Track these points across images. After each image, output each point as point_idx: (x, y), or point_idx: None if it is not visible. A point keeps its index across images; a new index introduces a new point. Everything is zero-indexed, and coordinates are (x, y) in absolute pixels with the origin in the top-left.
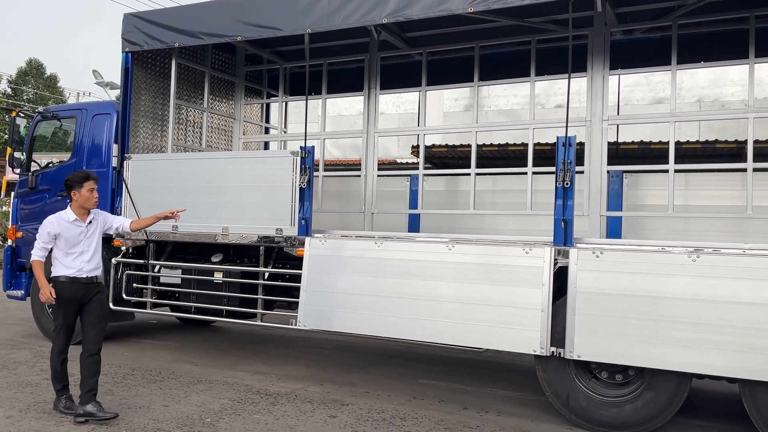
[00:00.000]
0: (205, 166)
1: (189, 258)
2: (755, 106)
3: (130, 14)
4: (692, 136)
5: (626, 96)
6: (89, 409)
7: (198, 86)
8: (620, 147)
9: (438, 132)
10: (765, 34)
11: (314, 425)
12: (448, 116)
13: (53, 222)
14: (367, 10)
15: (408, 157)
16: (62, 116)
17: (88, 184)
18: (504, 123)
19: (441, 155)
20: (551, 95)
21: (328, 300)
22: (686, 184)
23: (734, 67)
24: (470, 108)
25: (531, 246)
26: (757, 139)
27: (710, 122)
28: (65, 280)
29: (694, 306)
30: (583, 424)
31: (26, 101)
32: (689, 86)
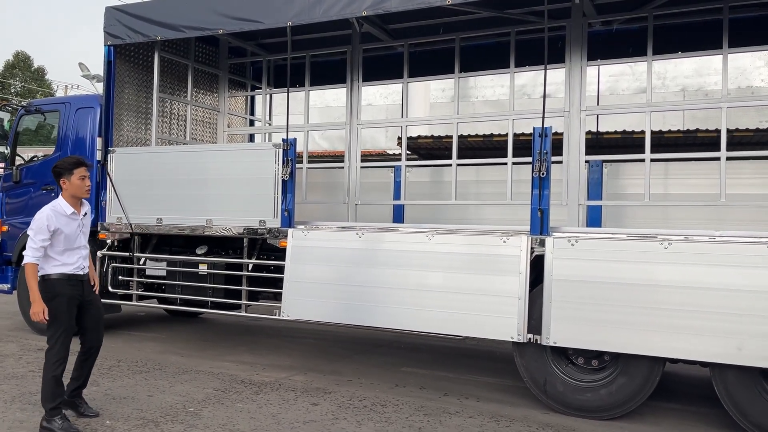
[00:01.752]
0: (188, 158)
1: (174, 250)
2: (730, 96)
3: (112, 7)
4: (676, 125)
5: (611, 86)
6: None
7: (182, 79)
8: (603, 137)
9: (419, 123)
10: (738, 24)
11: (296, 413)
12: (434, 107)
13: (50, 215)
14: (347, 3)
15: (396, 148)
16: (46, 110)
17: (79, 171)
18: (484, 114)
19: (427, 146)
20: (538, 85)
21: (311, 290)
22: (666, 173)
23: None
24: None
25: (508, 235)
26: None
27: (694, 111)
28: (62, 278)
29: (666, 292)
30: (560, 409)
31: (14, 94)
32: (673, 75)
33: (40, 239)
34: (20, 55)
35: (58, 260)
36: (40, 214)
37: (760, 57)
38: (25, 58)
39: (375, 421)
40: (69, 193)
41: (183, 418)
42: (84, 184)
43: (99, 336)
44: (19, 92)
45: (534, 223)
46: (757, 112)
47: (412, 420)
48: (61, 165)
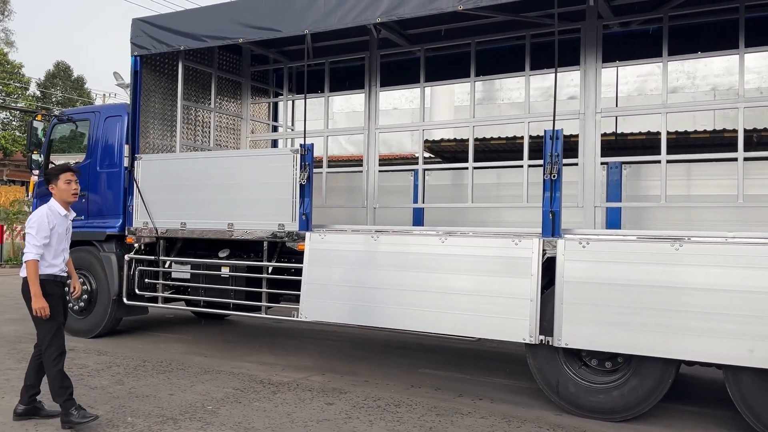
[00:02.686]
0: (210, 164)
1: (199, 254)
2: (747, 96)
3: (138, 19)
4: (706, 125)
5: (639, 86)
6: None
7: (206, 87)
8: (628, 138)
9: (436, 127)
10: (754, 23)
11: (311, 412)
12: (459, 110)
13: (49, 213)
14: (361, 10)
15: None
16: (77, 119)
17: (65, 176)
18: (499, 117)
19: (450, 149)
20: (563, 87)
21: (328, 292)
22: (689, 174)
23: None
24: (482, 102)
25: (520, 237)
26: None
27: (726, 111)
28: (51, 278)
29: (678, 294)
30: (573, 410)
31: (55, 103)
32: (703, 74)
33: (42, 236)
34: (60, 65)
35: (47, 261)
36: (37, 213)
37: None
38: (66, 68)
39: (387, 420)
40: (58, 197)
41: (201, 416)
42: (70, 188)
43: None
44: (59, 101)
45: (546, 226)
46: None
47: (424, 420)
48: (49, 172)
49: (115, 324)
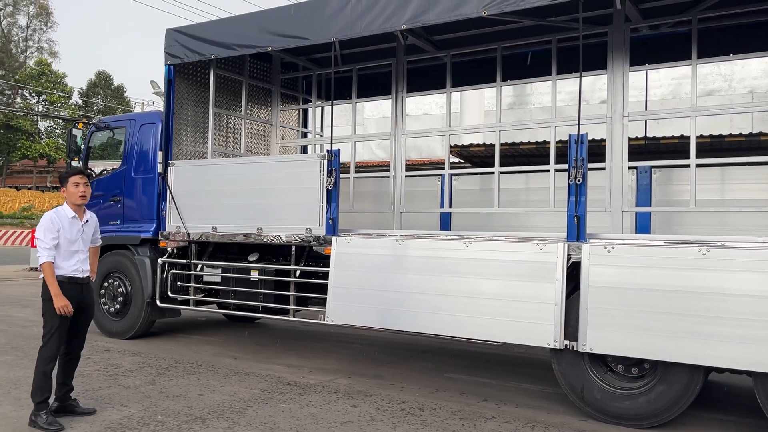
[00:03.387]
0: (239, 170)
1: (230, 258)
2: None
3: (172, 29)
4: (745, 128)
5: (674, 89)
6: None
7: (237, 94)
8: (660, 142)
9: (462, 132)
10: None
11: (335, 414)
12: (490, 114)
13: (54, 216)
14: (386, 18)
15: (450, 156)
16: (113, 126)
17: (73, 179)
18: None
19: (480, 154)
20: (595, 90)
21: (354, 296)
22: (723, 178)
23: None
24: (513, 106)
25: (545, 242)
26: None
27: (763, 114)
28: (63, 280)
29: (704, 299)
30: (598, 416)
31: (96, 112)
32: (741, 77)
33: (49, 238)
34: (102, 75)
35: (57, 263)
36: (44, 217)
37: None
38: (106, 77)
39: (410, 423)
40: (68, 199)
41: (228, 416)
42: (77, 191)
43: (81, 341)
44: (100, 109)
45: (570, 230)
46: None
47: (447, 423)
48: (61, 175)
49: (149, 326)
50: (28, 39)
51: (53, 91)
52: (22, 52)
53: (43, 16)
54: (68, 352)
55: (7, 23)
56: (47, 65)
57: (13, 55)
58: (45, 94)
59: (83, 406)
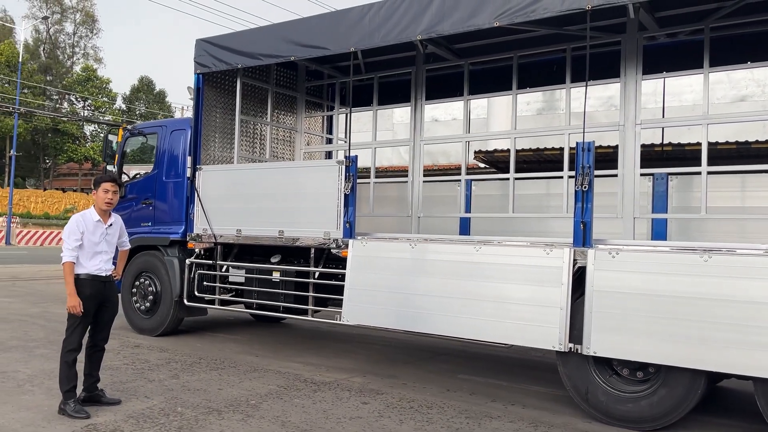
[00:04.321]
0: (263, 175)
1: (255, 259)
2: None
3: (201, 39)
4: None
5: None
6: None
7: (263, 102)
8: (685, 148)
9: (480, 139)
10: None
11: (346, 410)
12: (518, 120)
13: (80, 219)
14: (402, 29)
15: (473, 161)
16: (146, 132)
17: (104, 185)
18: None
19: (505, 160)
20: None
21: (369, 297)
22: (744, 185)
23: None
24: (542, 111)
25: (552, 247)
26: None
27: None
28: (86, 278)
29: (706, 305)
30: (602, 418)
31: (138, 116)
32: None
33: (73, 239)
34: (144, 80)
35: (80, 262)
36: (71, 220)
37: None
38: (149, 83)
39: (416, 420)
40: (96, 203)
41: (243, 409)
42: (105, 197)
43: (105, 335)
44: (143, 114)
45: (577, 236)
46: None
47: (452, 421)
48: (95, 179)
49: (177, 324)
50: (74, 45)
51: (98, 96)
52: (68, 58)
53: (89, 23)
54: (93, 345)
55: (55, 30)
56: (93, 71)
57: (60, 62)
58: (90, 99)
59: (109, 396)
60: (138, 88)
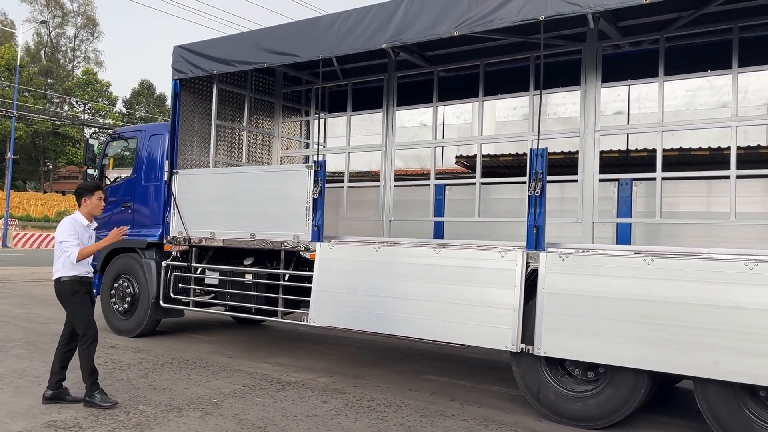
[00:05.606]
0: (236, 179)
1: (230, 261)
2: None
3: (178, 46)
4: (758, 140)
5: (688, 101)
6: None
7: (240, 107)
8: (684, 154)
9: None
10: (748, 43)
11: (304, 408)
12: (503, 125)
13: (73, 222)
14: (369, 37)
15: (455, 167)
16: (127, 137)
17: (98, 193)
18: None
19: (486, 164)
20: (609, 102)
21: (334, 299)
22: (709, 191)
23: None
24: (528, 117)
25: (506, 250)
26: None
27: None
28: (77, 279)
29: (647, 306)
30: (553, 417)
31: (139, 119)
32: (756, 89)
33: (74, 238)
34: (144, 84)
35: (73, 265)
36: (62, 225)
37: None
38: (149, 86)
39: (371, 418)
40: (87, 210)
41: (204, 407)
42: (100, 204)
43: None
44: (143, 117)
45: (530, 239)
46: None
47: (407, 420)
48: (84, 187)
49: (154, 325)
50: (75, 49)
51: (99, 100)
52: (69, 61)
53: (90, 26)
54: (72, 347)
55: (56, 34)
56: (93, 74)
57: (61, 65)
58: (91, 103)
59: (73, 395)
60: (138, 92)
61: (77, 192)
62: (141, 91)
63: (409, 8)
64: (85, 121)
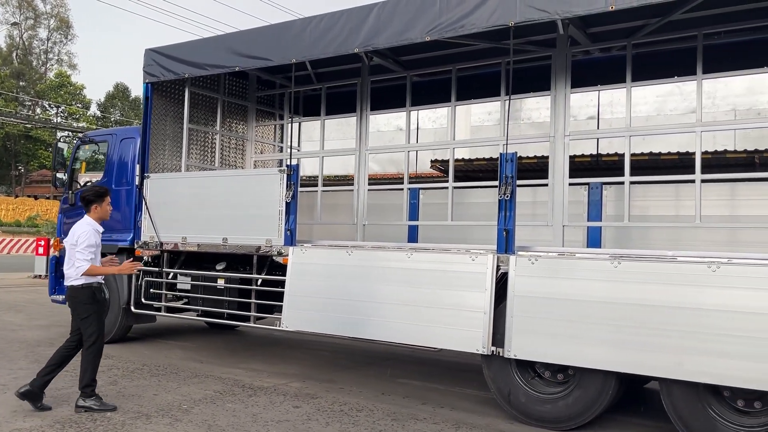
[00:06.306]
0: (208, 183)
1: (203, 266)
2: (703, 121)
3: (150, 49)
4: (728, 145)
5: (659, 106)
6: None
7: (214, 110)
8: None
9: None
10: (713, 51)
11: (276, 413)
12: (478, 130)
13: (92, 231)
14: (341, 42)
15: (431, 171)
16: (98, 140)
17: (108, 199)
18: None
19: (462, 168)
20: (583, 107)
21: (307, 303)
22: (677, 195)
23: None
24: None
25: (477, 254)
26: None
27: (747, 131)
28: (93, 285)
29: (613, 309)
30: (523, 419)
31: (114, 123)
32: (724, 95)
33: (91, 251)
34: (119, 87)
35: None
36: (83, 232)
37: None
38: (124, 89)
39: (343, 422)
40: (97, 215)
41: (174, 414)
42: (110, 209)
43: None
44: (118, 121)
45: (500, 243)
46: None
47: (378, 423)
48: (93, 192)
49: (125, 331)
50: (48, 51)
51: (72, 103)
52: (42, 64)
53: (63, 29)
54: (75, 345)
55: (28, 36)
56: (66, 77)
57: (33, 67)
58: (64, 106)
59: (45, 404)
60: (113, 95)
61: (85, 199)
62: (116, 94)
63: (381, 13)
64: (57, 125)
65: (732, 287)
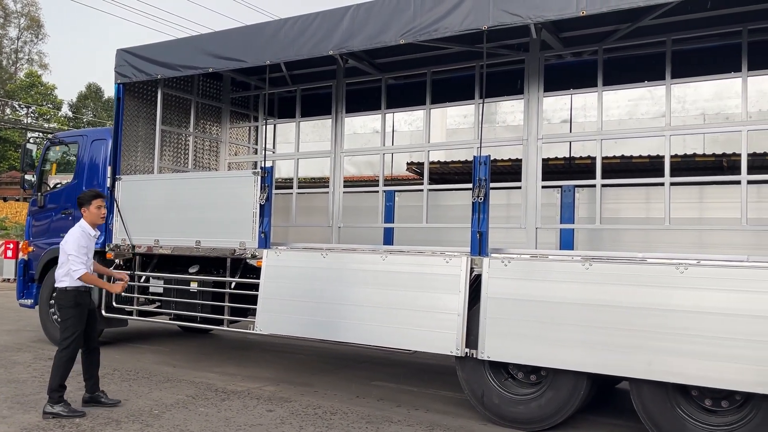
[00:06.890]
0: (180, 185)
1: (176, 269)
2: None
3: (122, 49)
4: (696, 148)
5: (631, 110)
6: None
7: (187, 112)
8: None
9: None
10: (681, 56)
11: (249, 417)
12: (454, 132)
13: (82, 234)
14: (315, 43)
15: (407, 173)
16: (67, 142)
17: (97, 202)
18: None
19: (437, 171)
20: (557, 110)
21: (282, 306)
22: (647, 198)
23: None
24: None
25: (450, 256)
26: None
27: (715, 135)
28: (82, 289)
29: (584, 310)
30: (497, 420)
31: (86, 124)
32: (693, 99)
33: (83, 253)
34: (92, 87)
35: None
36: (73, 235)
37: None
38: (97, 90)
39: (317, 426)
40: (89, 219)
41: (145, 419)
42: (100, 213)
43: (96, 336)
44: (90, 121)
45: (473, 245)
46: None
47: (352, 427)
48: (82, 196)
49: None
50: (18, 51)
51: (43, 103)
52: (12, 63)
53: (34, 28)
54: (88, 348)
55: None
56: (37, 77)
57: (3, 67)
58: (34, 106)
59: (110, 398)
60: (86, 96)
61: (78, 202)
62: (88, 94)
63: (356, 16)
64: (28, 125)
65: (700, 288)
